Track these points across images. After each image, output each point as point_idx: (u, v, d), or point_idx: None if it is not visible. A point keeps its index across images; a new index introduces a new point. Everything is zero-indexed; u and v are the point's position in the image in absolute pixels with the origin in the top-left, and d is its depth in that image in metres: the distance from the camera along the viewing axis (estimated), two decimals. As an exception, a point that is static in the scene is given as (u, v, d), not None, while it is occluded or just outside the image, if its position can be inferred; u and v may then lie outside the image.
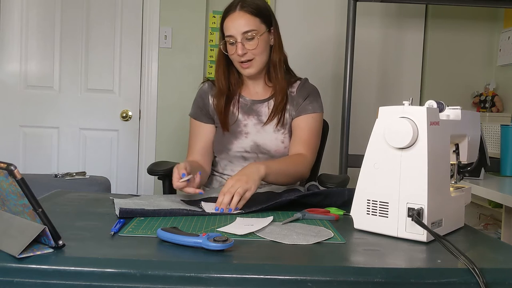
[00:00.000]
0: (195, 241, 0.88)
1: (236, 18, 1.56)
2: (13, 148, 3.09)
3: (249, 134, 1.64)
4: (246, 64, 1.59)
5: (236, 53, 1.56)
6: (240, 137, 1.64)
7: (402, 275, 0.81)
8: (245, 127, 1.65)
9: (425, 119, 0.98)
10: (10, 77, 3.08)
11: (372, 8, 3.19)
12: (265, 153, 1.63)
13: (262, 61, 1.62)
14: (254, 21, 1.57)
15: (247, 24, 1.56)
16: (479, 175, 2.07)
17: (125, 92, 3.14)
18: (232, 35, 1.56)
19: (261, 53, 1.60)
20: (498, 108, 3.14)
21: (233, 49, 1.58)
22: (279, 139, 1.64)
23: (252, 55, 1.58)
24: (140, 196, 1.34)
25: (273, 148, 1.63)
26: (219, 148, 1.67)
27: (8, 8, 3.06)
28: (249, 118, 1.66)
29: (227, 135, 1.65)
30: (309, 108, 1.65)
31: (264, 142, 1.63)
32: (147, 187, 3.13)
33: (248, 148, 1.63)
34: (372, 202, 1.04)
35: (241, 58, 1.57)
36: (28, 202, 0.80)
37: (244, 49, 1.56)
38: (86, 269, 0.78)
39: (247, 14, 1.56)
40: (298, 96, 1.67)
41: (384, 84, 3.31)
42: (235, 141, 1.64)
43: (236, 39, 1.56)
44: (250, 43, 1.56)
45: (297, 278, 0.78)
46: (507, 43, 3.16)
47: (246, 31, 1.55)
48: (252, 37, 1.56)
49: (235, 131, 1.65)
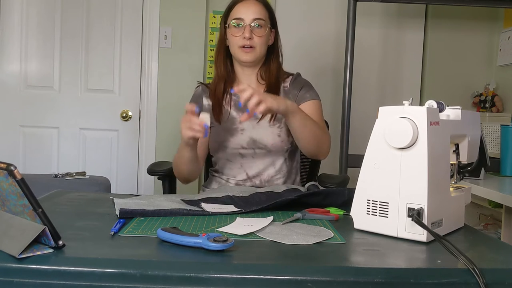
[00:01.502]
0: (195, 241, 0.88)
1: (250, 4, 1.62)
2: (13, 148, 3.09)
3: (245, 130, 1.64)
4: (248, 49, 1.61)
5: (243, 35, 1.59)
6: (235, 134, 1.64)
7: (402, 275, 0.81)
8: (240, 124, 1.65)
9: (425, 119, 0.98)
10: (10, 77, 3.08)
11: (372, 8, 3.19)
12: (262, 148, 1.63)
13: (261, 52, 1.65)
14: (265, 12, 1.64)
15: (259, 12, 1.62)
16: (479, 175, 2.07)
17: (125, 92, 3.14)
18: (243, 18, 1.60)
19: (263, 44, 1.63)
20: (498, 108, 3.14)
21: (239, 31, 1.61)
22: (275, 132, 1.64)
23: (255, 42, 1.61)
24: (140, 196, 1.34)
25: (270, 142, 1.63)
26: (215, 146, 1.67)
27: (8, 8, 3.06)
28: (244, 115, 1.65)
29: (222, 133, 1.65)
30: (307, 96, 1.68)
31: (260, 137, 1.63)
32: (147, 187, 3.13)
33: (245, 144, 1.63)
34: (372, 202, 1.04)
35: (245, 42, 1.60)
36: (28, 202, 0.80)
37: (251, 33, 1.60)
38: (86, 269, 0.78)
39: (261, 3, 1.64)
40: (292, 88, 1.69)
41: (384, 84, 3.31)
42: (231, 138, 1.64)
43: (245, 23, 1.60)
44: (258, 30, 1.61)
45: (297, 278, 0.78)
46: (507, 43, 3.16)
47: (257, 18, 1.60)
48: (261, 25, 1.61)
49: (230, 128, 1.65)
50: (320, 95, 1.73)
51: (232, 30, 1.62)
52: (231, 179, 1.66)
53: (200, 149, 1.68)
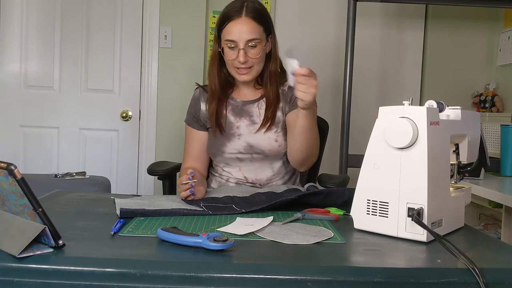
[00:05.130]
0: (195, 241, 0.88)
1: (241, 24, 1.53)
2: (13, 148, 3.09)
3: (242, 135, 1.63)
4: (244, 70, 1.58)
5: (237, 60, 1.55)
6: (233, 139, 1.64)
7: (402, 275, 0.81)
8: (237, 129, 1.64)
9: (425, 119, 0.98)
10: (10, 77, 3.08)
11: (372, 8, 3.19)
12: (259, 153, 1.62)
13: (259, 69, 1.61)
14: (258, 29, 1.55)
15: (252, 32, 1.54)
16: (479, 175, 2.07)
17: (125, 92, 3.14)
18: (236, 40, 1.53)
19: (259, 62, 1.59)
20: (498, 108, 3.14)
21: (233, 54, 1.56)
22: (272, 138, 1.63)
23: (251, 63, 1.57)
24: (141, 196, 1.35)
25: (267, 148, 1.62)
26: (213, 151, 1.67)
27: (8, 8, 3.06)
28: (241, 120, 1.65)
29: (220, 138, 1.64)
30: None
31: (257, 143, 1.62)
32: (147, 187, 3.13)
33: (242, 149, 1.63)
34: (372, 202, 1.04)
35: (241, 65, 1.56)
36: (28, 202, 0.80)
37: (246, 57, 1.54)
38: (86, 269, 0.78)
39: (253, 21, 1.54)
40: (290, 91, 1.66)
41: (384, 84, 3.31)
42: (228, 143, 1.64)
43: (239, 46, 1.54)
44: (252, 51, 1.55)
45: (297, 278, 0.78)
46: (507, 43, 3.16)
47: (250, 39, 1.53)
48: (255, 45, 1.55)
49: (228, 134, 1.64)
50: (320, 96, 1.71)
51: (226, 51, 1.57)
52: (231, 179, 1.66)
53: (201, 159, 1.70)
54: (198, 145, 1.70)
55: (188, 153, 1.71)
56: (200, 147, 1.70)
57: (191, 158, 1.70)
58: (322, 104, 1.72)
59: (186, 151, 1.72)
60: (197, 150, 1.70)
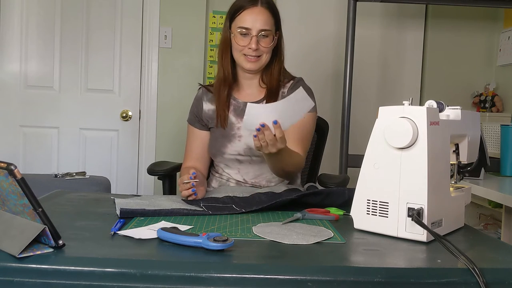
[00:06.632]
0: (195, 241, 0.88)
1: (257, 13, 1.58)
2: (13, 148, 3.09)
3: (242, 137, 1.63)
4: (253, 58, 1.59)
5: (248, 46, 1.57)
6: (233, 140, 1.64)
7: (402, 275, 0.81)
8: (238, 130, 1.64)
9: (425, 119, 0.98)
10: (10, 77, 3.08)
11: (372, 8, 3.19)
12: (258, 156, 1.62)
13: (266, 61, 1.63)
14: (271, 21, 1.61)
15: (266, 22, 1.58)
16: (479, 175, 2.07)
17: (125, 92, 3.14)
18: (250, 28, 1.57)
19: (268, 52, 1.62)
20: (498, 108, 3.14)
21: (245, 41, 1.58)
22: None
23: (261, 51, 1.59)
24: (141, 196, 1.34)
25: None
26: (213, 152, 1.67)
27: (8, 8, 3.06)
28: (243, 121, 1.65)
29: (220, 139, 1.64)
30: None
31: None
32: (147, 187, 3.13)
33: (242, 151, 1.62)
34: (372, 202, 1.04)
35: (251, 52, 1.58)
36: (28, 202, 0.80)
37: (257, 44, 1.57)
38: (86, 269, 0.78)
39: (268, 12, 1.60)
40: (289, 93, 1.65)
41: (384, 84, 3.31)
42: (229, 144, 1.63)
43: (252, 33, 1.57)
44: (264, 40, 1.58)
45: (297, 278, 0.78)
46: (507, 43, 3.16)
47: (264, 29, 1.57)
48: (267, 35, 1.58)
49: (228, 134, 1.64)
50: (320, 96, 1.71)
51: (237, 38, 1.59)
52: (232, 179, 1.66)
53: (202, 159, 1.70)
54: (200, 145, 1.70)
55: (190, 153, 1.71)
56: (202, 147, 1.70)
57: (192, 158, 1.70)
58: (322, 104, 1.72)
59: (187, 150, 1.72)
60: (199, 150, 1.70)
